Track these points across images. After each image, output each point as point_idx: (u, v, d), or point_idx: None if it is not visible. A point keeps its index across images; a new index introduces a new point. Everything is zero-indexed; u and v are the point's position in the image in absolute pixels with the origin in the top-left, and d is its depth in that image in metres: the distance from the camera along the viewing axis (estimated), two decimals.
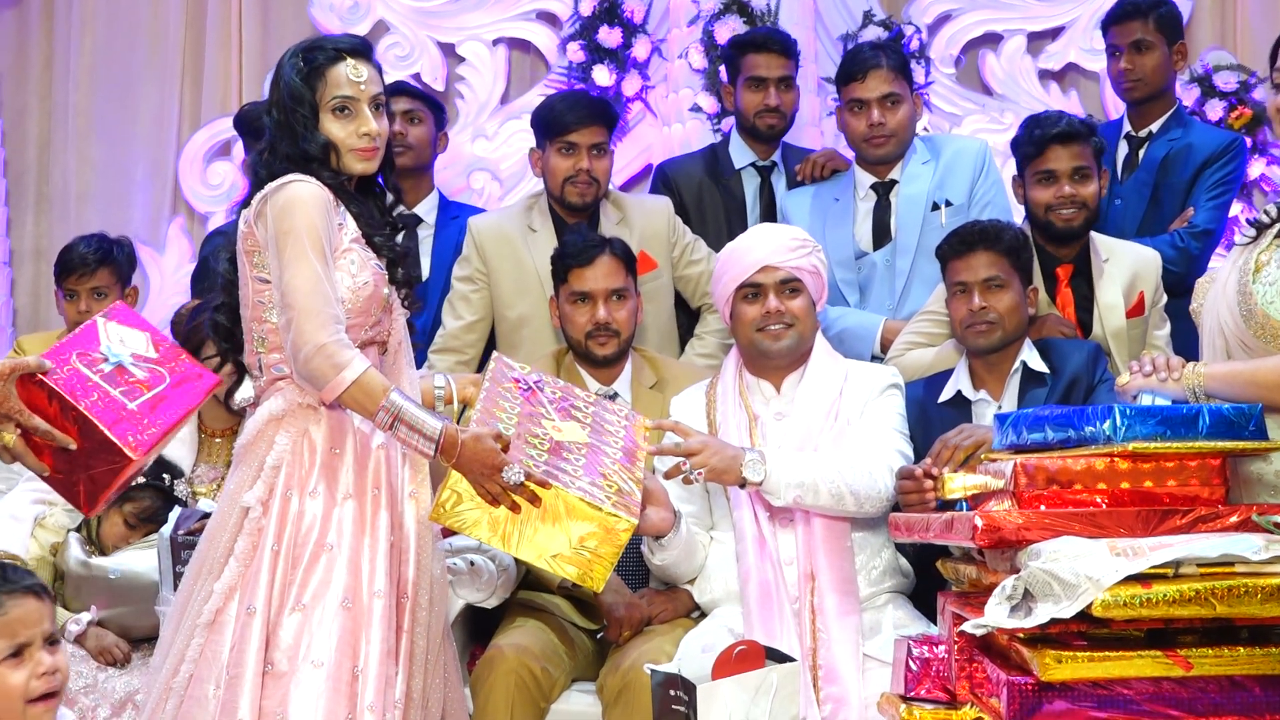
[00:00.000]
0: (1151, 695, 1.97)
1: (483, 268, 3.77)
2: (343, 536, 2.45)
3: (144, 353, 2.28)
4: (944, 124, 4.88)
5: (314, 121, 2.54)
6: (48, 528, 3.41)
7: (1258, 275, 2.43)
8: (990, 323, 3.17)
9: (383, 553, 2.48)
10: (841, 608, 2.89)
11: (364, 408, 2.42)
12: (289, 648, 2.39)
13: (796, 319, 3.07)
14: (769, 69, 3.95)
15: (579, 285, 3.33)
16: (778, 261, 3.07)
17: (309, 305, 2.40)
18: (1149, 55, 3.98)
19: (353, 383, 2.39)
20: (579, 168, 3.68)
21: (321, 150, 2.54)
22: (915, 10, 5.01)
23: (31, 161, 5.29)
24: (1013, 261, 3.21)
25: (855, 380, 3.10)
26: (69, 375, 2.16)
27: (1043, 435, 2.27)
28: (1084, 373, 3.16)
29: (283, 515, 2.44)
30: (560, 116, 3.73)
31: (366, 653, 2.42)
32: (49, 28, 5.31)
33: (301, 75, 2.54)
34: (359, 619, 2.43)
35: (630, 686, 2.95)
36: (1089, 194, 3.43)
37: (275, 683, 2.38)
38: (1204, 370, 2.39)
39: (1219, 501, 2.12)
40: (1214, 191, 3.85)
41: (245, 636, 2.38)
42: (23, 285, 5.25)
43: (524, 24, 5.11)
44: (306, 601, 2.41)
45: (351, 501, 2.48)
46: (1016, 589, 2.00)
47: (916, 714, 2.24)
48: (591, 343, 3.34)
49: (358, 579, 2.44)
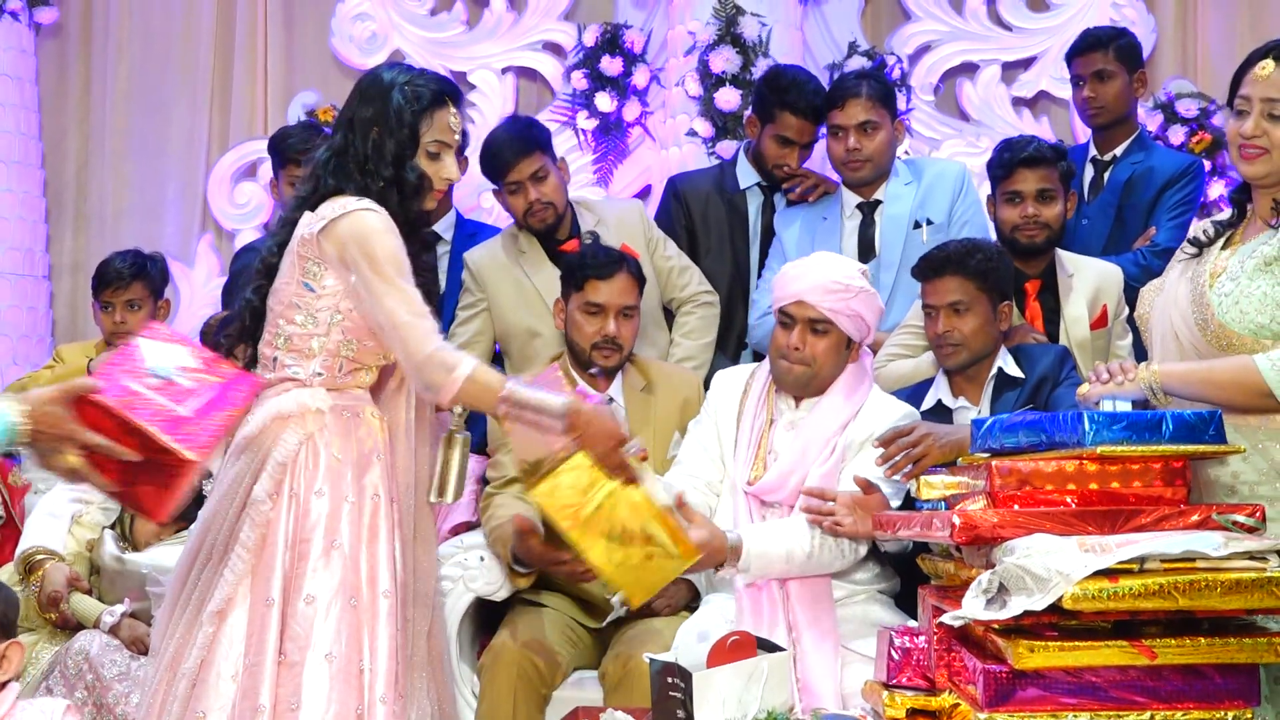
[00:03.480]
0: (1118, 683, 1.97)
1: (483, 295, 3.76)
2: (347, 537, 2.43)
3: (188, 364, 2.26)
4: (924, 148, 4.89)
5: (414, 153, 2.52)
6: (84, 525, 3.42)
7: (1213, 286, 2.43)
8: (955, 345, 3.14)
9: (385, 555, 2.46)
10: (814, 617, 2.86)
11: (483, 401, 2.42)
12: (300, 639, 2.36)
13: (814, 359, 2.97)
14: (800, 135, 3.86)
15: (594, 296, 3.29)
16: (813, 301, 2.96)
17: (411, 322, 2.40)
18: (1110, 84, 3.98)
19: (466, 379, 2.38)
20: (530, 200, 3.66)
21: (417, 181, 2.52)
22: (897, 41, 5.02)
23: (70, 181, 5.30)
24: (980, 284, 3.14)
25: (870, 411, 3.00)
26: (120, 392, 2.13)
27: (1016, 440, 2.27)
28: (1051, 372, 3.14)
29: (291, 511, 2.42)
30: (495, 159, 3.69)
31: (374, 649, 2.40)
32: (86, 55, 5.32)
33: (413, 107, 2.51)
34: (364, 616, 2.40)
35: (630, 674, 2.95)
36: (1052, 215, 3.43)
37: (288, 673, 2.35)
38: (1159, 369, 2.38)
39: (1181, 501, 2.12)
40: (1175, 211, 3.85)
41: (265, 626, 2.36)
42: (61, 298, 5.25)
43: (531, 54, 5.12)
44: (316, 596, 2.38)
45: (355, 505, 2.46)
46: (992, 583, 2.00)
47: (898, 700, 2.24)
48: (596, 353, 3.31)
49: (359, 577, 2.42)
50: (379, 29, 5.06)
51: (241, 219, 5.08)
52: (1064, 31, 4.79)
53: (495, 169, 3.71)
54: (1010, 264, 3.29)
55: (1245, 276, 2.38)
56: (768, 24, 4.64)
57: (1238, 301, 2.37)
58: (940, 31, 5.04)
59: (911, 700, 2.23)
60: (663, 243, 3.85)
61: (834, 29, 4.95)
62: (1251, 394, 2.31)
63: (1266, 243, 2.40)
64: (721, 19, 4.63)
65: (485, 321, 3.77)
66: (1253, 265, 2.39)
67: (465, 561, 3.21)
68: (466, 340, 3.72)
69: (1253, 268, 2.39)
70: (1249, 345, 2.35)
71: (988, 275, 3.16)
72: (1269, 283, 2.36)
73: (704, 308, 3.84)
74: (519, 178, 3.66)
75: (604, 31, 4.86)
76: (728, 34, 4.62)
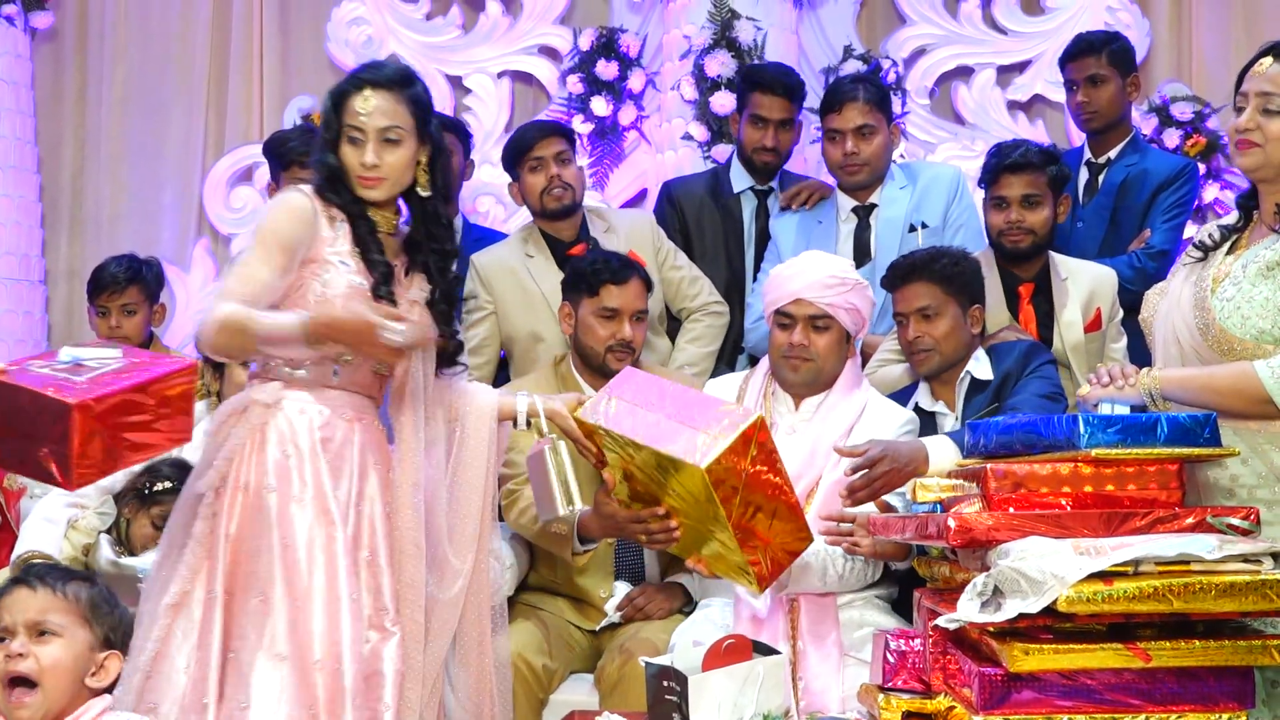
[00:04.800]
0: (1113, 685, 1.97)
1: (489, 298, 3.77)
2: (299, 534, 2.36)
3: (109, 357, 2.22)
4: (919, 151, 4.89)
5: (335, 144, 2.51)
6: (80, 530, 3.40)
7: (1216, 291, 2.43)
8: (926, 350, 3.14)
9: (344, 553, 2.38)
10: (818, 622, 2.85)
11: (234, 345, 2.39)
12: (251, 638, 2.31)
13: (818, 355, 3.00)
14: (771, 111, 3.94)
15: (610, 301, 3.29)
16: (812, 297, 2.99)
17: (230, 288, 2.38)
18: (1103, 88, 3.99)
19: (217, 322, 2.33)
20: (550, 176, 3.71)
21: (329, 171, 2.51)
22: (893, 45, 5.03)
23: (66, 186, 5.29)
24: (947, 288, 3.14)
25: (871, 415, 3.01)
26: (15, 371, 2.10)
27: (1012, 443, 2.27)
28: (1015, 368, 3.11)
29: (237, 505, 2.37)
30: (522, 138, 3.80)
31: (334, 653, 2.32)
32: (82, 60, 5.32)
33: (335, 95, 2.53)
34: (317, 618, 2.33)
35: (626, 677, 2.95)
36: (1037, 220, 3.43)
37: (237, 672, 2.30)
38: (1159, 374, 2.39)
39: (1176, 504, 2.12)
40: (1169, 214, 3.86)
41: (209, 619, 2.32)
42: (58, 303, 5.24)
43: (527, 58, 5.12)
44: (267, 594, 2.33)
45: (309, 504, 2.39)
46: (987, 586, 2.00)
47: (894, 703, 2.24)
48: (610, 356, 3.29)
49: (313, 579, 2.35)
50: (375, 33, 5.06)
51: (237, 223, 5.07)
52: (1059, 35, 4.80)
53: (520, 148, 3.77)
54: (978, 267, 3.26)
55: (1247, 281, 2.39)
56: (763, 28, 4.65)
57: (1239, 307, 2.37)
58: (935, 35, 5.05)
59: (907, 703, 2.22)
60: (673, 253, 3.87)
61: (829, 33, 4.96)
62: (1251, 401, 2.31)
63: (1269, 248, 2.40)
64: (717, 23, 4.64)
65: (492, 325, 3.77)
66: (1255, 270, 2.39)
67: None
68: (474, 345, 3.72)
69: (1255, 273, 2.39)
70: (1250, 350, 2.35)
71: (954, 279, 3.16)
72: (1270, 288, 2.36)
73: (713, 316, 3.85)
74: (543, 154, 3.72)
75: (599, 36, 4.86)
76: (723, 38, 4.63)
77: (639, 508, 2.63)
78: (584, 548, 3.05)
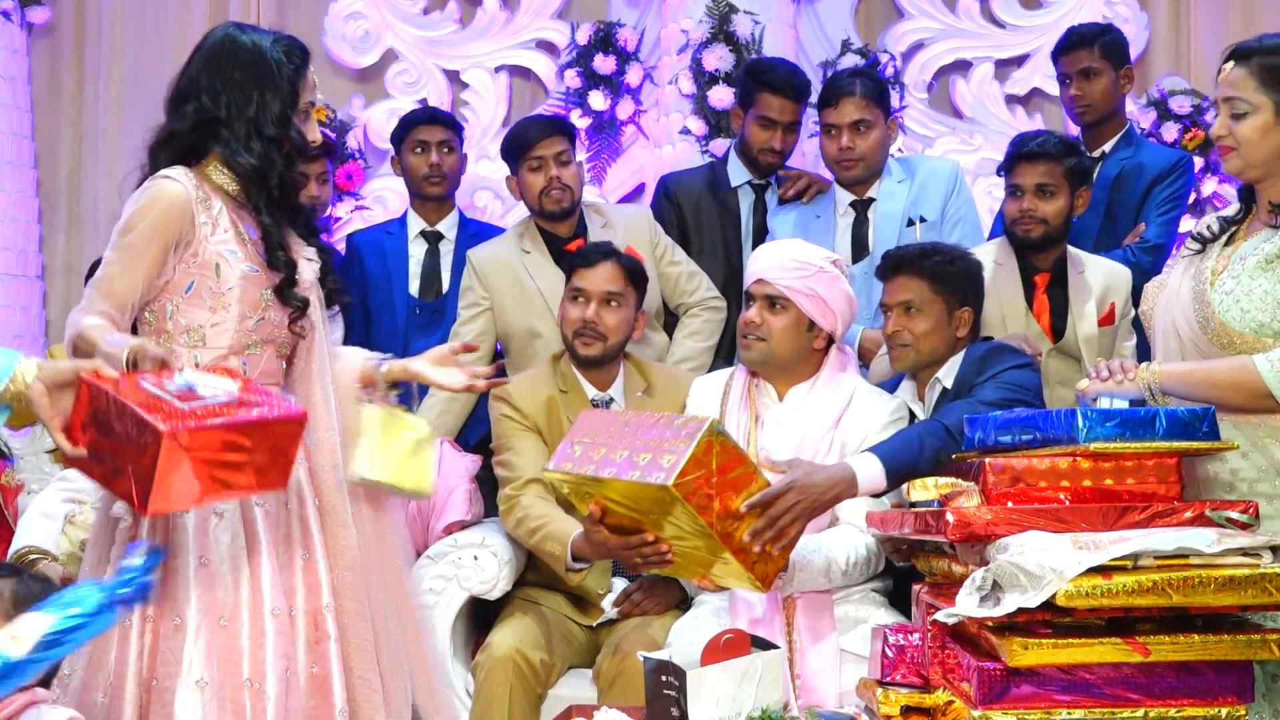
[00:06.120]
0: (1112, 679, 1.97)
1: (485, 294, 3.75)
2: (219, 552, 2.26)
3: (224, 389, 2.07)
4: (917, 145, 4.89)
5: (294, 111, 2.43)
6: (78, 525, 3.40)
7: (1214, 284, 2.43)
8: (903, 345, 3.09)
9: (268, 568, 2.27)
10: (814, 616, 2.85)
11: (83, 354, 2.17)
12: (171, 665, 2.20)
13: (770, 335, 2.99)
14: (781, 113, 3.90)
15: (577, 282, 3.29)
16: (771, 278, 3.00)
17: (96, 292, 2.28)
18: (1096, 81, 3.97)
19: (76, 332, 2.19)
20: (550, 176, 3.69)
21: (300, 140, 2.41)
22: (890, 39, 5.03)
23: (63, 182, 5.28)
24: (934, 286, 3.08)
25: (859, 406, 2.99)
26: (124, 383, 2.03)
27: (1011, 437, 2.27)
28: (970, 375, 2.99)
29: (157, 526, 2.25)
30: (523, 135, 3.77)
31: (258, 673, 2.22)
32: (79, 55, 5.31)
33: (291, 65, 2.44)
34: (242, 637, 2.23)
35: (625, 673, 2.95)
36: (1050, 210, 3.41)
37: (159, 700, 2.20)
38: (1159, 369, 2.39)
39: (1175, 498, 2.12)
40: (1164, 208, 3.85)
41: (124, 649, 2.23)
42: (55, 298, 5.23)
43: (524, 52, 5.11)
44: (184, 618, 2.22)
45: (229, 518, 2.28)
46: (985, 580, 1.99)
47: (893, 697, 2.24)
48: (577, 340, 3.27)
49: (237, 596, 2.25)
50: (372, 28, 5.05)
51: None
52: (1057, 28, 4.75)
53: (520, 144, 3.75)
54: (976, 269, 3.18)
55: (1246, 275, 2.38)
56: (761, 22, 4.64)
57: (1238, 300, 2.37)
58: (933, 29, 5.05)
59: (906, 698, 2.23)
60: (671, 249, 3.86)
61: (827, 27, 4.95)
62: (1251, 395, 2.31)
63: (1268, 240, 2.40)
64: (714, 17, 4.63)
65: (488, 321, 3.76)
66: (1254, 263, 2.39)
67: (459, 560, 3.20)
68: (469, 341, 3.70)
69: (1253, 265, 2.39)
70: (1249, 343, 2.35)
71: (944, 278, 3.09)
72: (1270, 281, 2.36)
73: (711, 311, 3.84)
74: (544, 153, 3.70)
75: (597, 30, 4.86)
76: (721, 32, 4.62)
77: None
78: (578, 565, 3.02)
